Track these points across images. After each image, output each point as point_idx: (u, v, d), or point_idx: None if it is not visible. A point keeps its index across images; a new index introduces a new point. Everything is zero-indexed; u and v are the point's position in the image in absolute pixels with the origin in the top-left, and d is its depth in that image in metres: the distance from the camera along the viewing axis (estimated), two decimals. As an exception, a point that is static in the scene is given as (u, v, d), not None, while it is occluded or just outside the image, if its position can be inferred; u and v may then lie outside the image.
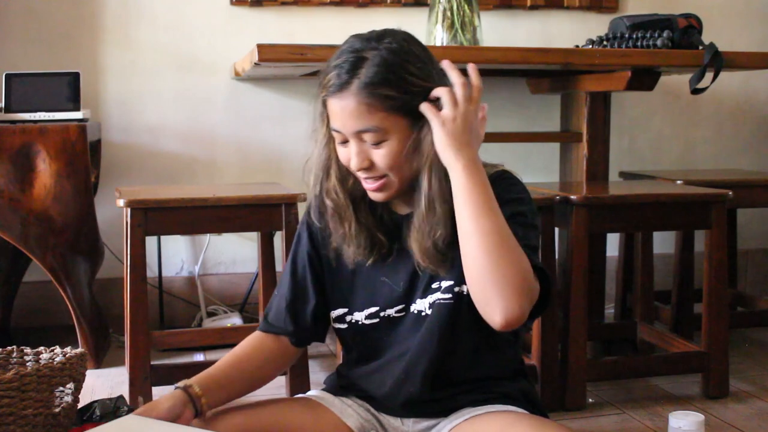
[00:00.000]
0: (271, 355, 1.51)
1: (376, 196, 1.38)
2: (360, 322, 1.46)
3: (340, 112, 1.31)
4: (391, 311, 1.44)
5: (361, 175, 1.36)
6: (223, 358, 1.48)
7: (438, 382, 1.41)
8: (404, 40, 1.33)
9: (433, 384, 1.41)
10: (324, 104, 1.36)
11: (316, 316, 1.49)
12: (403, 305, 1.43)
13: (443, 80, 1.33)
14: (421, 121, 1.31)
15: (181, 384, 1.38)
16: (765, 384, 2.41)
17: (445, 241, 1.33)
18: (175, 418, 1.33)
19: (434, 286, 1.39)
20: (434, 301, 1.39)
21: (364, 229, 1.41)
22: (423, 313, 1.41)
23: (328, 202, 1.41)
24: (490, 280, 1.25)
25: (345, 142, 1.34)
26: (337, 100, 1.31)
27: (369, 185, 1.36)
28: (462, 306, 1.37)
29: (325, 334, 1.54)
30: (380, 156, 1.32)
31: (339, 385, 1.54)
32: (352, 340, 1.50)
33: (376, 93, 1.28)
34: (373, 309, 1.45)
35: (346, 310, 1.48)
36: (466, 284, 1.33)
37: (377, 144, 1.31)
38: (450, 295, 1.38)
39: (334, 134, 1.35)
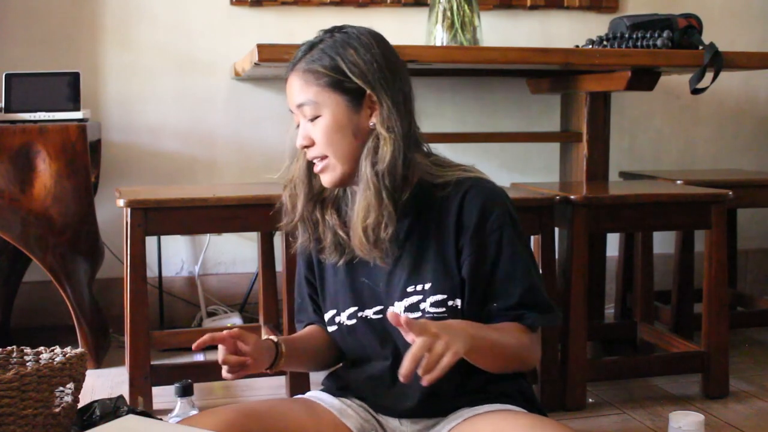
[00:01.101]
0: (328, 342, 1.55)
1: (323, 180, 1.44)
2: (344, 323, 1.48)
3: (288, 88, 1.43)
4: (369, 312, 1.45)
5: (307, 155, 1.43)
6: (297, 333, 1.57)
7: (434, 397, 1.41)
8: (362, 34, 1.41)
9: (430, 397, 1.41)
10: None
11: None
12: (382, 307, 1.44)
13: (390, 78, 1.39)
14: (360, 105, 1.39)
15: (273, 337, 1.43)
16: (765, 384, 2.41)
17: (377, 228, 1.37)
18: (260, 355, 1.37)
19: (410, 289, 1.41)
20: (419, 316, 1.39)
21: (330, 229, 1.46)
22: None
23: (284, 191, 1.50)
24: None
25: (298, 125, 1.43)
26: (289, 80, 1.42)
27: (316, 168, 1.43)
28: (458, 317, 1.39)
29: None
30: (316, 131, 1.40)
31: (337, 386, 1.55)
32: (342, 342, 1.51)
33: (312, 69, 1.38)
34: (352, 309, 1.47)
35: (334, 311, 1.50)
36: (459, 298, 1.38)
37: (313, 119, 1.40)
38: (443, 309, 1.39)
39: (293, 117, 1.44)
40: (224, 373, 1.37)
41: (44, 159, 2.46)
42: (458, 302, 1.39)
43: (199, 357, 2.66)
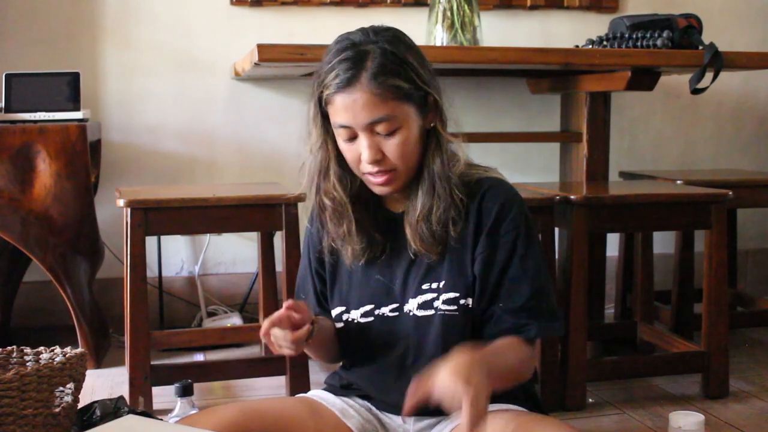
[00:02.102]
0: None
1: (381, 190, 1.40)
2: (356, 321, 1.48)
3: (352, 105, 1.32)
4: (385, 310, 1.45)
5: (370, 169, 1.36)
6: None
7: None
8: (398, 33, 1.38)
9: None
10: (320, 105, 1.38)
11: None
12: (397, 305, 1.44)
13: (432, 72, 1.39)
14: (426, 110, 1.36)
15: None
16: (765, 384, 2.41)
17: (439, 221, 1.37)
18: (304, 324, 1.34)
19: (425, 287, 1.41)
20: (432, 313, 1.40)
21: (362, 228, 1.43)
22: (413, 315, 1.42)
23: (327, 201, 1.43)
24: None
25: (352, 138, 1.36)
26: (347, 95, 1.32)
27: (377, 179, 1.37)
28: (467, 319, 1.40)
29: None
30: (393, 146, 1.34)
31: (340, 385, 1.55)
32: (350, 339, 1.50)
33: (386, 83, 1.31)
34: (368, 307, 1.46)
35: (344, 308, 1.49)
36: (471, 297, 1.39)
37: (390, 134, 1.34)
38: (455, 307, 1.40)
39: (341, 131, 1.36)
40: (286, 351, 1.34)
41: (44, 159, 2.46)
42: (470, 301, 1.40)
43: (199, 357, 2.66)
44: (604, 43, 2.67)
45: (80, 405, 1.55)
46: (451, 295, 1.40)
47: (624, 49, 2.55)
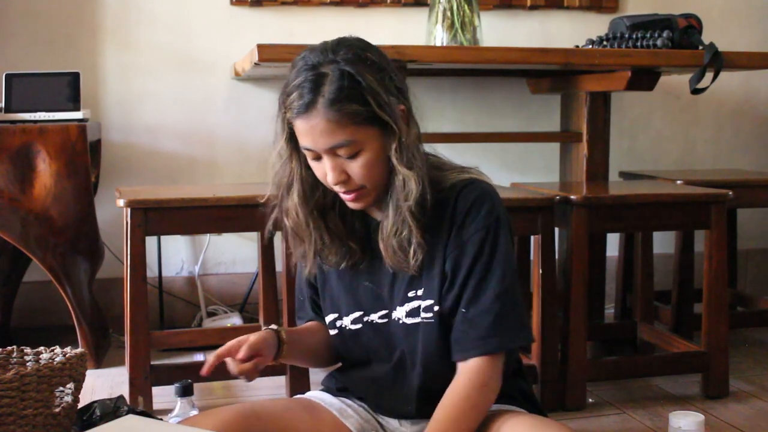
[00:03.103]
0: (327, 339, 1.53)
1: (353, 206, 1.39)
2: (347, 327, 1.47)
3: (310, 131, 1.30)
4: (374, 316, 1.45)
5: (337, 188, 1.36)
6: (298, 327, 1.55)
7: (434, 399, 1.40)
8: (359, 49, 1.32)
9: (429, 399, 1.40)
10: (284, 121, 1.37)
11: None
12: (386, 311, 1.43)
13: (399, 83, 1.34)
14: (387, 127, 1.31)
15: (273, 326, 1.41)
16: (765, 384, 2.41)
17: (410, 240, 1.34)
18: (263, 348, 1.35)
19: (410, 294, 1.40)
20: (419, 321, 1.39)
21: (335, 237, 1.42)
22: (403, 323, 1.41)
23: (287, 221, 1.42)
24: None
25: (318, 158, 1.34)
26: (305, 121, 1.30)
27: (346, 197, 1.37)
28: (444, 325, 1.38)
29: None
30: (356, 167, 1.32)
31: (337, 387, 1.55)
32: (343, 345, 1.50)
33: (343, 109, 1.27)
34: (358, 313, 1.46)
35: (336, 315, 1.49)
36: (445, 303, 1.37)
37: (352, 157, 1.32)
38: (431, 315, 1.39)
39: (306, 152, 1.35)
40: (243, 380, 1.36)
41: (44, 159, 2.46)
42: (444, 309, 1.38)
43: (199, 357, 2.66)
44: (604, 43, 2.67)
45: (80, 405, 1.55)
46: (429, 302, 1.39)
47: (624, 49, 2.55)
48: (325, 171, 1.34)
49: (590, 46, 2.73)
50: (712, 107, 3.45)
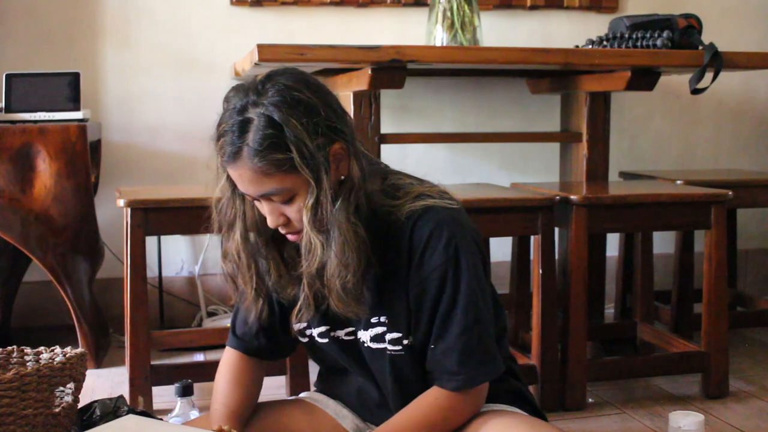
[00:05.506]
0: (259, 379, 1.50)
1: (291, 238, 1.34)
2: (316, 339, 1.44)
3: (239, 179, 1.28)
4: (340, 333, 1.41)
5: (280, 229, 1.33)
6: (233, 391, 1.44)
7: None
8: (288, 88, 1.25)
9: None
10: (221, 164, 1.33)
11: (285, 328, 1.46)
12: (353, 328, 1.40)
13: (336, 119, 1.28)
14: (318, 172, 1.25)
15: (225, 428, 1.34)
16: (765, 384, 2.41)
17: (353, 285, 1.29)
18: None
19: (373, 320, 1.36)
20: (384, 347, 1.36)
21: (291, 269, 1.37)
22: (368, 346, 1.37)
23: (224, 267, 1.39)
24: None
25: (256, 199, 1.31)
26: (233, 169, 1.28)
27: (290, 237, 1.33)
28: (416, 354, 1.36)
29: (295, 346, 1.53)
30: (293, 212, 1.29)
31: (327, 391, 1.55)
32: (316, 354, 1.49)
33: (267, 158, 1.23)
34: (324, 328, 1.42)
35: (305, 324, 1.44)
36: (416, 338, 1.34)
37: (287, 202, 1.28)
38: (400, 347, 1.36)
39: (245, 194, 1.32)
40: None
41: (44, 159, 2.46)
42: (410, 340, 1.36)
43: (199, 357, 2.66)
44: (604, 43, 2.67)
45: (80, 405, 1.55)
46: (395, 335, 1.35)
47: (624, 49, 2.55)
48: (265, 213, 1.31)
49: (590, 46, 2.73)
50: (712, 107, 3.45)
